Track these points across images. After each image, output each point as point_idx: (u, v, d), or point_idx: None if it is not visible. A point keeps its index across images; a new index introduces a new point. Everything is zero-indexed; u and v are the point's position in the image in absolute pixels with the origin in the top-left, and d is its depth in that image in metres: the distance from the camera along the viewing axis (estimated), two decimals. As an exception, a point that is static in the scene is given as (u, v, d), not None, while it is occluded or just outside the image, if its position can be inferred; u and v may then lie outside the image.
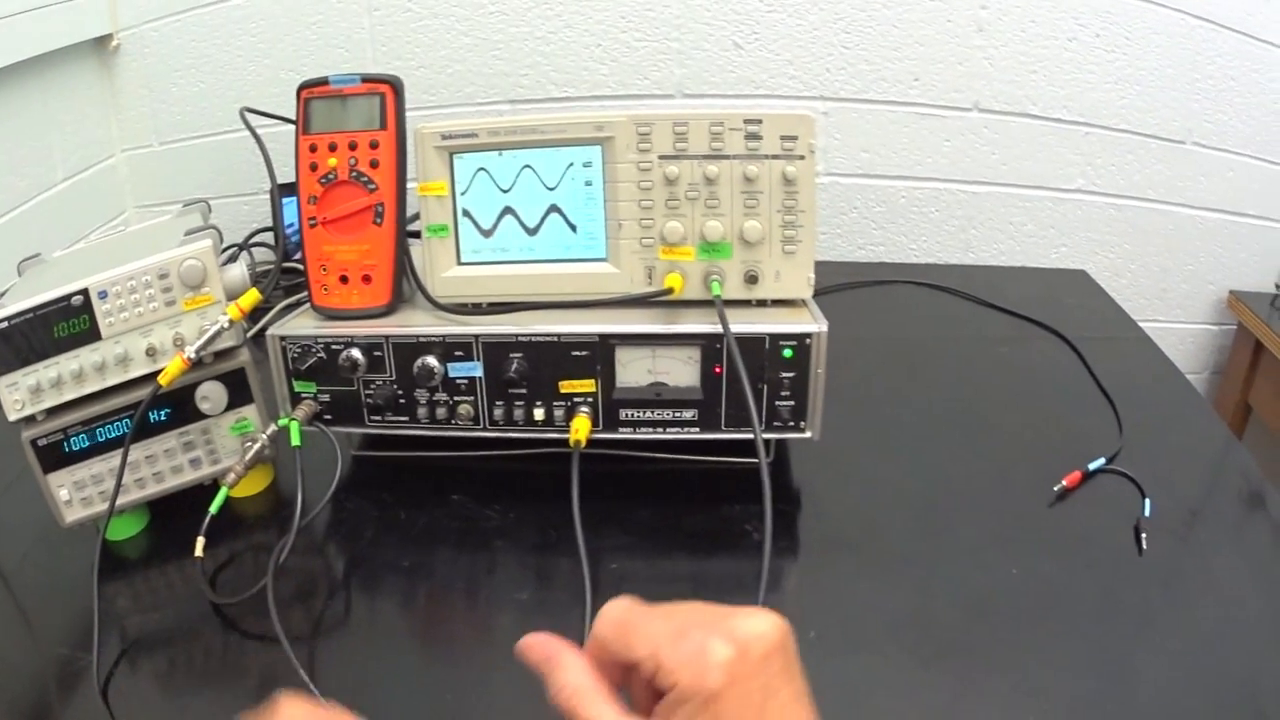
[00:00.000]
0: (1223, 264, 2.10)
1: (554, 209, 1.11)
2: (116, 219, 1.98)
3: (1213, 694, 0.88)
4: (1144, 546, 1.06)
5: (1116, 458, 1.23)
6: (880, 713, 0.72)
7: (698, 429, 1.10)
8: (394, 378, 1.10)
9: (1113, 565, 1.05)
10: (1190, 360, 2.21)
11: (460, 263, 1.12)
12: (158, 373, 1.02)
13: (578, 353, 1.07)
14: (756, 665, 0.53)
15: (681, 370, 1.08)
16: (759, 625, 0.55)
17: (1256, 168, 2.00)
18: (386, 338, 1.09)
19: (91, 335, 1.01)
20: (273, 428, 1.08)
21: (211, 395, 1.08)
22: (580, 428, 1.07)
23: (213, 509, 1.02)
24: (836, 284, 1.80)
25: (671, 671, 0.52)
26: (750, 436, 1.07)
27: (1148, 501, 1.13)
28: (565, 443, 1.07)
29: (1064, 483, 1.16)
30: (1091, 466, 1.19)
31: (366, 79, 1.11)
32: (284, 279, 1.57)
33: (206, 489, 1.10)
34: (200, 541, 1.01)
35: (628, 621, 0.58)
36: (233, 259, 1.42)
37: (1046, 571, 1.03)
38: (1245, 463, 1.27)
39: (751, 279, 1.10)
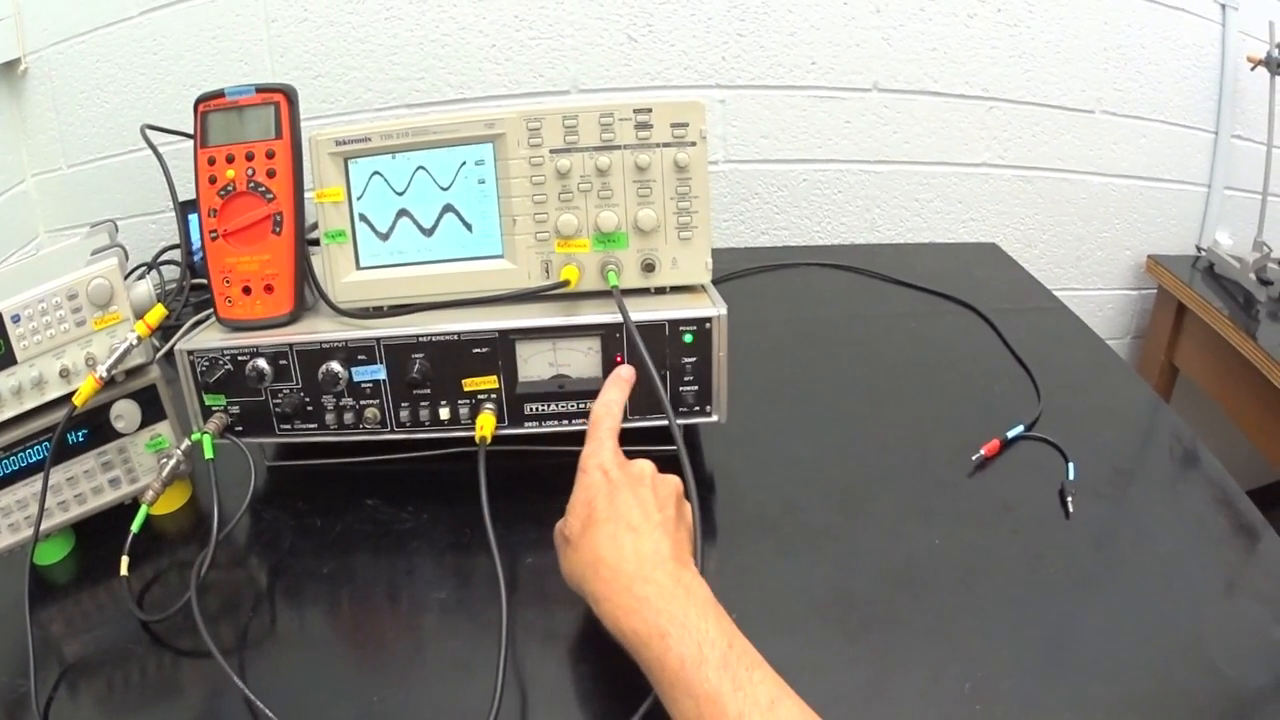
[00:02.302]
0: (1138, 229, 2.14)
1: (449, 209, 1.11)
2: (29, 244, 1.96)
3: (1158, 646, 0.89)
4: (1070, 510, 1.08)
5: (1036, 424, 1.25)
6: (809, 690, 0.73)
7: (605, 418, 1.11)
8: (300, 385, 1.10)
9: (1039, 530, 1.06)
10: (1110, 326, 2.25)
11: (360, 267, 1.12)
12: (73, 394, 1.01)
13: (479, 350, 1.08)
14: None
15: (583, 361, 1.09)
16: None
17: (1170, 133, 2.04)
18: (290, 345, 1.09)
19: (7, 359, 1.01)
20: (186, 442, 1.08)
21: (125, 414, 1.07)
22: (485, 424, 1.07)
23: (134, 527, 1.01)
24: (741, 269, 1.82)
25: None
26: (656, 424, 1.09)
27: (1071, 465, 1.14)
28: (472, 440, 1.07)
29: (983, 452, 1.17)
30: (1010, 434, 1.21)
31: (260, 89, 1.11)
32: (194, 295, 1.57)
33: (128, 508, 1.09)
34: (125, 561, 1.01)
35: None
36: (141, 277, 1.41)
37: (970, 540, 1.05)
38: (1173, 422, 1.29)
39: (648, 267, 1.11)
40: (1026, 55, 1.93)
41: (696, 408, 1.11)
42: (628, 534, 0.79)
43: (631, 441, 1.13)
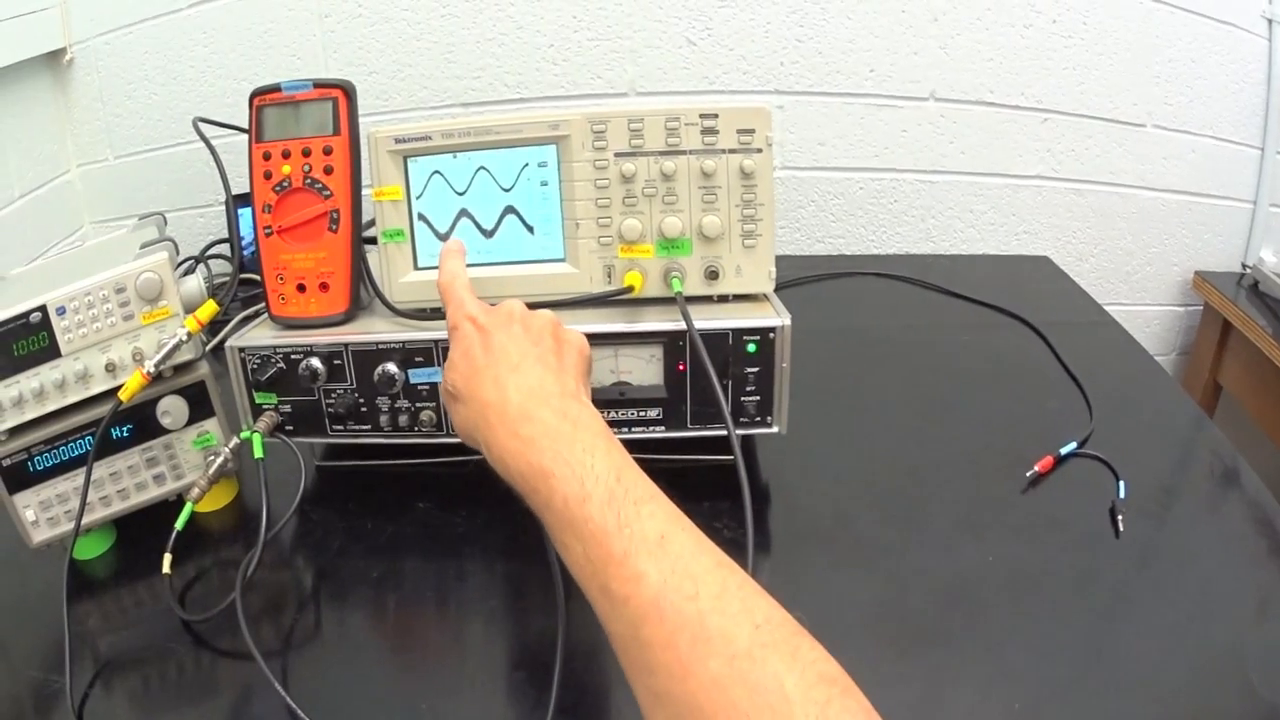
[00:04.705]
0: (1187, 245, 2.11)
1: (510, 210, 1.10)
2: (74, 235, 1.96)
3: (1199, 668, 0.89)
4: (1121, 528, 1.07)
5: (1088, 441, 1.23)
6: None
7: (663, 428, 1.10)
8: (355, 386, 1.09)
9: (1090, 548, 1.05)
10: (1157, 342, 2.22)
11: (417, 267, 1.11)
12: (118, 389, 1.01)
13: (539, 354, 1.06)
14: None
15: (644, 369, 1.08)
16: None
17: (1218, 148, 2.02)
18: (346, 345, 1.08)
19: (51, 353, 1.00)
20: (235, 441, 1.06)
21: (172, 410, 1.06)
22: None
23: (178, 525, 1.00)
24: (795, 278, 1.81)
25: None
26: (715, 434, 1.07)
27: (1122, 484, 1.13)
28: (530, 446, 1.05)
29: (1036, 468, 1.16)
30: (1063, 451, 1.20)
31: (319, 84, 1.10)
32: (241, 290, 1.55)
33: (171, 505, 1.09)
34: (167, 558, 1.00)
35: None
36: (189, 271, 1.40)
37: (1022, 557, 1.04)
38: (1217, 441, 1.27)
39: (712, 274, 1.09)
40: (1080, 67, 1.91)
41: (757, 418, 1.09)
42: (510, 374, 0.77)
43: (687, 451, 1.12)
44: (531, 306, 0.86)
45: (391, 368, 1.07)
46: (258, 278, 1.14)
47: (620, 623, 0.61)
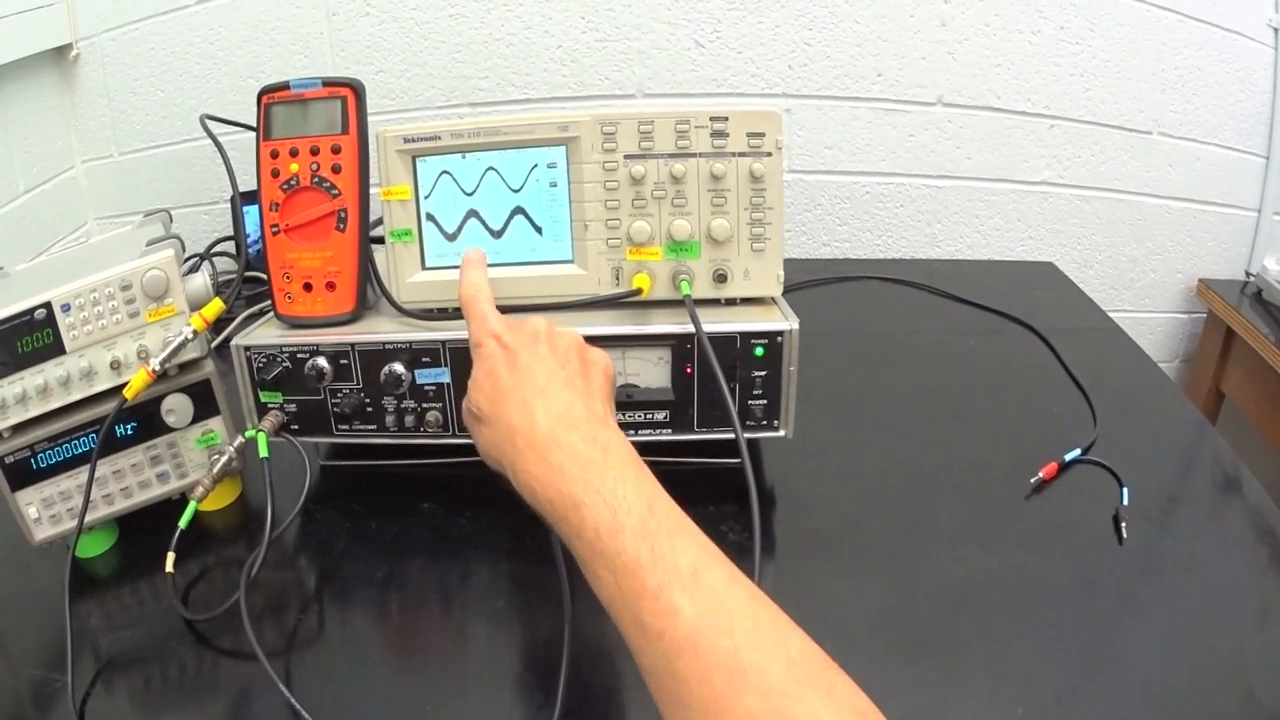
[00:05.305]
0: (1191, 253, 2.11)
1: (519, 211, 1.09)
2: (78, 231, 1.96)
3: (1201, 674, 0.89)
4: (1124, 535, 1.07)
5: (1092, 448, 1.24)
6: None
7: (670, 430, 1.10)
8: (361, 386, 1.09)
9: (1093, 554, 1.05)
10: (1160, 349, 2.23)
11: (425, 267, 1.11)
12: (122, 386, 1.00)
13: (547, 356, 1.06)
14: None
15: (652, 371, 1.08)
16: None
17: (1223, 156, 2.02)
18: (352, 345, 1.08)
19: (55, 349, 0.99)
20: (240, 439, 1.06)
21: (177, 408, 1.06)
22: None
23: (182, 523, 0.99)
24: (802, 281, 1.80)
25: None
26: (722, 436, 1.07)
27: (1125, 490, 1.13)
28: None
29: (1041, 474, 1.17)
30: (1068, 457, 1.20)
31: (328, 83, 1.09)
32: (246, 288, 1.55)
33: (175, 503, 1.09)
34: (170, 557, 0.99)
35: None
36: (194, 269, 1.40)
37: (1027, 563, 1.04)
38: (1220, 448, 1.28)
39: (720, 278, 1.09)
40: (1087, 74, 1.91)
41: (764, 421, 1.09)
42: (537, 397, 0.75)
43: (693, 454, 1.12)
44: (540, 309, 0.86)
45: (398, 368, 1.07)
46: (263, 276, 1.14)
47: (654, 656, 0.61)
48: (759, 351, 1.06)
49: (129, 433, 1.06)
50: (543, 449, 0.72)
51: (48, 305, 0.98)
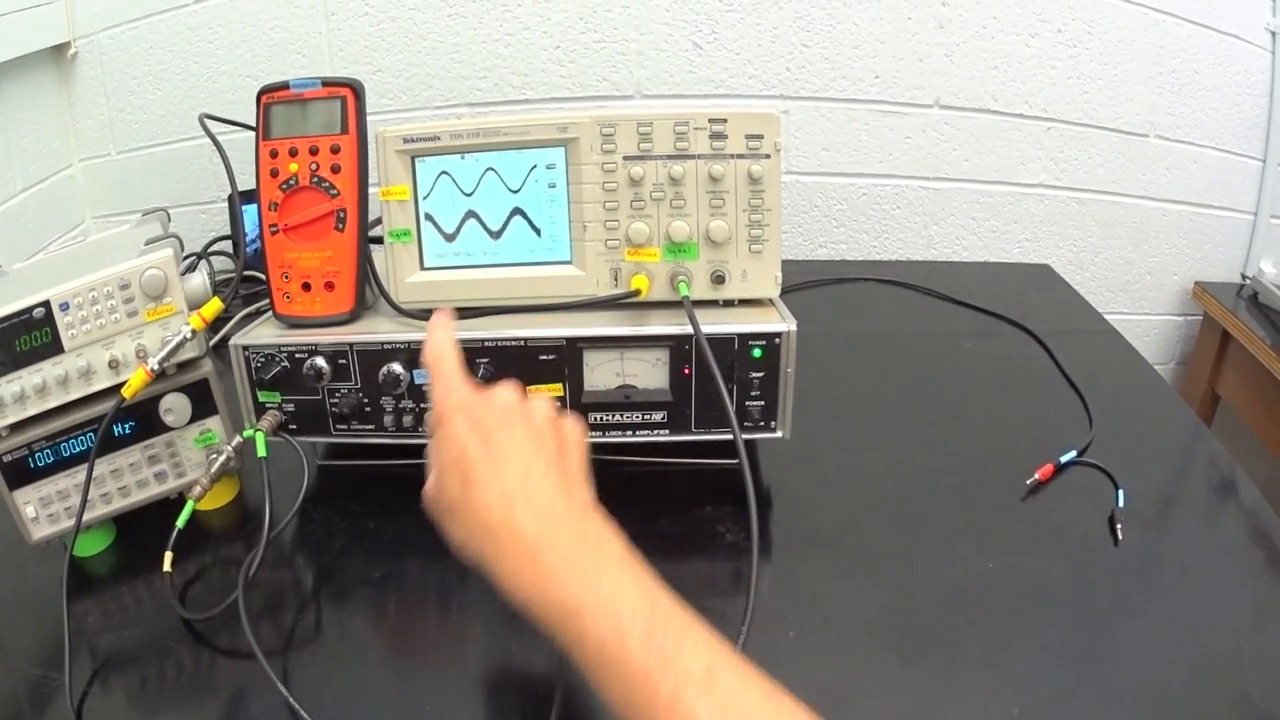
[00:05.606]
0: (1187, 255, 2.12)
1: (517, 212, 1.10)
2: (75, 230, 1.95)
3: (1197, 676, 0.89)
4: (1120, 537, 1.07)
5: (1088, 450, 1.24)
6: (863, 712, 0.72)
7: (667, 431, 1.10)
8: (359, 386, 1.09)
9: (1089, 556, 1.05)
10: (1156, 351, 2.23)
11: (424, 268, 1.11)
12: (121, 385, 1.00)
13: (545, 357, 1.06)
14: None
15: (650, 372, 1.08)
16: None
17: (1220, 159, 2.02)
18: (351, 345, 1.08)
19: (54, 348, 0.99)
20: (238, 439, 1.05)
21: (175, 407, 1.06)
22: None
23: (179, 523, 0.99)
24: (799, 283, 1.81)
25: None
26: (720, 437, 1.07)
27: (1121, 492, 1.14)
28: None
29: (1037, 476, 1.17)
30: (1064, 459, 1.20)
31: (327, 82, 1.09)
32: (244, 288, 1.55)
33: (172, 502, 1.09)
34: (168, 556, 0.99)
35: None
36: (191, 268, 1.40)
37: (1023, 564, 1.04)
38: (1215, 450, 1.28)
39: (718, 279, 1.09)
40: (1085, 77, 1.91)
41: (762, 422, 1.09)
42: (517, 489, 0.68)
43: (691, 455, 1.12)
44: (539, 309, 0.85)
45: (396, 368, 1.07)
46: (261, 275, 1.14)
47: None
48: (757, 353, 1.06)
49: (127, 432, 1.06)
50: (530, 551, 0.66)
51: (46, 304, 0.98)
